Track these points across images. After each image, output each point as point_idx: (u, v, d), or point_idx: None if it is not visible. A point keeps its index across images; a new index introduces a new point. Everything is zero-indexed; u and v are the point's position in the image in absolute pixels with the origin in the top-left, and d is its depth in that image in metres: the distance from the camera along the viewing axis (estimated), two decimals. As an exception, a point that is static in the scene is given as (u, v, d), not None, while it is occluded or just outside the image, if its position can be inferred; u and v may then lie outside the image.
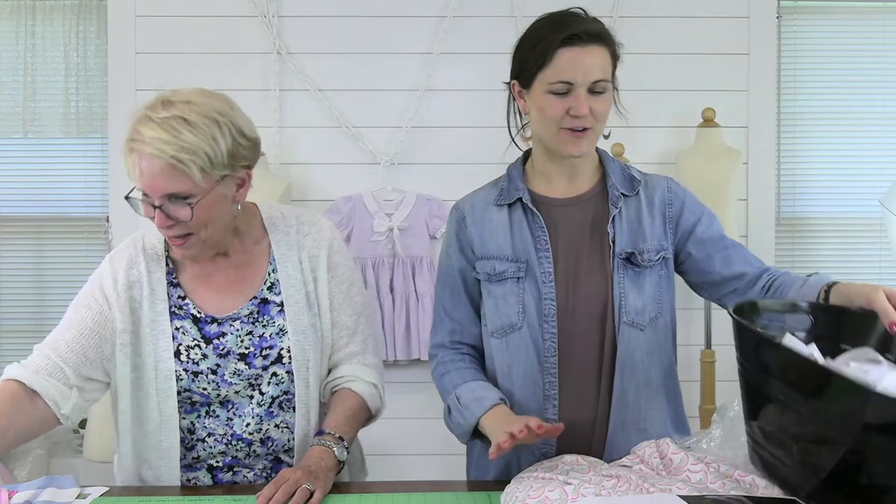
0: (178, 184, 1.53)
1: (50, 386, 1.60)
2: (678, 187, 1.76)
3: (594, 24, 1.64)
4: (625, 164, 1.78)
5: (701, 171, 3.16)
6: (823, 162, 3.50)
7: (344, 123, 3.30)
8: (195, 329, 1.65)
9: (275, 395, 1.66)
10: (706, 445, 1.47)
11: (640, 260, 1.67)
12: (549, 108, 1.62)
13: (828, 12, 3.52)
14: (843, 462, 1.16)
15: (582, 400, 1.67)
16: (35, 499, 1.48)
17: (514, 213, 1.72)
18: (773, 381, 1.24)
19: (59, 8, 3.39)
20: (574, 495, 1.31)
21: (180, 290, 1.68)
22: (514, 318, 1.68)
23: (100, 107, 3.39)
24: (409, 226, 3.27)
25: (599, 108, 1.62)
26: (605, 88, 1.62)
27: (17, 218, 3.46)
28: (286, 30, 3.32)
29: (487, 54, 3.30)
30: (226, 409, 1.66)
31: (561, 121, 1.62)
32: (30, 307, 3.45)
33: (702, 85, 3.34)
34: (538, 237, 1.69)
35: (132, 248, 1.71)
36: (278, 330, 1.67)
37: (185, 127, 1.50)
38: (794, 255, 3.50)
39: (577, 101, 1.60)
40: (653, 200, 1.71)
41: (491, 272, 1.71)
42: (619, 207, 1.69)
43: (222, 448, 1.66)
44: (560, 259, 1.68)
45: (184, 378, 1.63)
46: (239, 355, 1.65)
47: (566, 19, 1.64)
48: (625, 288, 1.66)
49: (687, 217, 1.72)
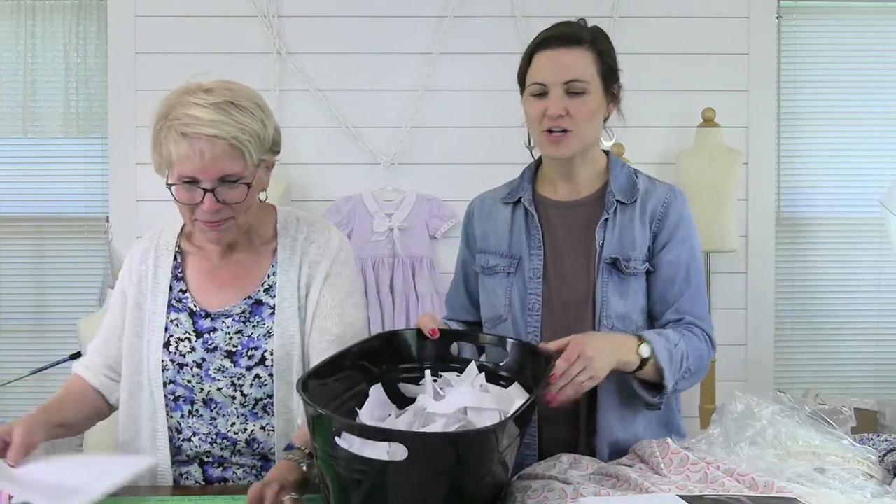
0: (235, 165, 1.55)
1: (104, 380, 1.75)
2: (675, 203, 1.70)
3: (574, 28, 1.67)
4: (636, 171, 1.76)
5: (701, 171, 3.16)
6: (823, 162, 3.50)
7: (344, 123, 3.30)
8: (189, 322, 1.67)
9: (258, 397, 1.66)
10: (706, 445, 1.47)
11: (624, 267, 1.66)
12: (531, 110, 1.67)
13: (828, 12, 3.52)
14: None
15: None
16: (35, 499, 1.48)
17: (517, 212, 1.77)
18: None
19: (59, 8, 3.39)
20: (574, 495, 1.31)
21: (183, 284, 1.70)
22: (500, 311, 1.73)
23: (100, 107, 3.39)
24: (409, 226, 3.27)
25: (577, 110, 1.63)
26: (583, 90, 1.63)
27: (17, 218, 3.46)
28: (286, 30, 3.32)
29: (487, 54, 3.31)
30: (209, 409, 1.67)
31: (541, 122, 1.65)
32: (30, 307, 3.45)
33: (702, 85, 3.34)
34: (532, 236, 1.73)
35: (148, 242, 1.76)
36: (266, 332, 1.66)
37: (237, 110, 1.55)
38: (794, 255, 3.50)
39: (551, 101, 1.63)
40: (645, 210, 1.70)
41: (485, 265, 1.77)
42: (611, 213, 1.69)
43: (207, 447, 1.67)
44: (549, 258, 1.71)
45: (169, 368, 1.65)
46: (226, 352, 1.66)
47: (551, 27, 1.69)
48: (607, 292, 1.66)
49: (664, 236, 1.68)
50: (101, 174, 3.43)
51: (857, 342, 3.55)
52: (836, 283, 3.52)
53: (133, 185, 3.31)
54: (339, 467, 1.24)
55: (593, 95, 1.64)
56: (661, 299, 1.67)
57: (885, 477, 1.46)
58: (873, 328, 3.53)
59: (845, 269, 3.51)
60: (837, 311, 3.53)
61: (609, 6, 3.29)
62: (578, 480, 1.39)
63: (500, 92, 3.28)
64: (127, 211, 3.31)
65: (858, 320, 3.53)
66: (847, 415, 1.59)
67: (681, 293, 1.67)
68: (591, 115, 1.65)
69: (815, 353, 3.54)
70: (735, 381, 3.19)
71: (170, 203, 1.62)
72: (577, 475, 1.44)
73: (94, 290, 3.36)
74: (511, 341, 1.57)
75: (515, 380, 1.50)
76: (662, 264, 1.67)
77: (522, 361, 1.53)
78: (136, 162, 3.30)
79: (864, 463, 1.45)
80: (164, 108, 1.59)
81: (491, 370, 1.53)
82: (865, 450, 1.48)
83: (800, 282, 3.51)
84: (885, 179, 3.38)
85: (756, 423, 1.50)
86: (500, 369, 1.55)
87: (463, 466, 1.21)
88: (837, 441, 1.49)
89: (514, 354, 1.55)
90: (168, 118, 1.56)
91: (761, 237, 3.39)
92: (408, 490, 1.21)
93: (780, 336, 3.45)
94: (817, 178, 3.51)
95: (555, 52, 1.64)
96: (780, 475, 1.35)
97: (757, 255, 3.37)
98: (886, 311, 3.53)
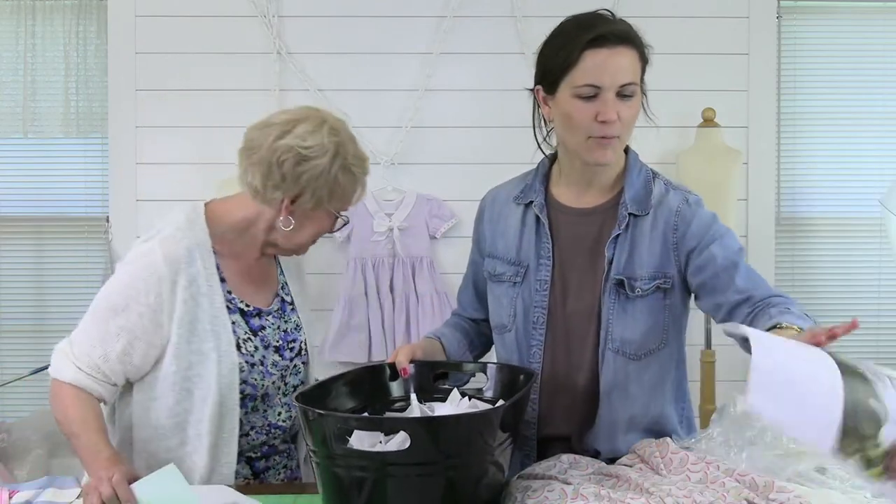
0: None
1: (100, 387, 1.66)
2: (689, 209, 1.62)
3: (622, 25, 1.58)
4: (653, 176, 1.68)
5: (701, 171, 3.16)
6: (823, 162, 3.50)
7: (344, 123, 3.30)
8: (243, 322, 1.73)
9: (295, 384, 1.80)
10: (706, 445, 1.46)
11: (629, 289, 1.59)
12: (577, 113, 1.54)
13: (828, 12, 3.52)
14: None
15: (564, 416, 1.66)
16: (35, 499, 1.49)
17: (528, 215, 1.70)
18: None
19: (59, 8, 3.39)
20: (574, 495, 1.31)
21: (226, 285, 1.73)
22: (505, 320, 1.69)
23: (100, 107, 3.38)
24: (409, 226, 3.27)
25: (627, 114, 1.55)
26: (633, 92, 1.55)
27: (17, 218, 3.45)
28: (286, 30, 3.32)
29: (487, 54, 3.30)
30: (263, 402, 1.75)
31: (589, 128, 1.54)
32: (30, 307, 3.45)
33: (702, 85, 3.34)
34: (542, 245, 1.66)
35: (187, 241, 1.68)
36: (295, 325, 1.83)
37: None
38: (794, 255, 3.50)
39: (605, 105, 1.52)
40: (658, 223, 1.61)
41: (492, 272, 1.72)
42: (622, 229, 1.61)
43: (263, 438, 1.75)
44: (557, 269, 1.65)
45: (244, 369, 1.69)
46: (275, 348, 1.76)
47: (593, 20, 1.57)
48: (613, 313, 1.60)
49: (689, 242, 1.60)
50: (101, 174, 3.42)
51: (857, 342, 3.54)
52: (835, 283, 3.51)
53: (133, 185, 3.30)
54: (339, 468, 1.25)
55: (637, 98, 1.58)
56: (725, 290, 1.56)
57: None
58: (873, 328, 3.53)
59: (845, 269, 3.51)
60: (837, 311, 3.52)
61: (609, 6, 3.27)
62: (578, 480, 1.39)
63: (500, 92, 3.28)
64: (127, 211, 3.31)
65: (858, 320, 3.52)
66: (847, 415, 1.58)
67: (731, 278, 1.56)
68: (635, 119, 1.59)
69: (815, 353, 3.53)
70: (735, 381, 3.20)
71: (170, 203, 1.63)
72: (577, 475, 1.44)
73: (94, 290, 3.32)
74: (491, 366, 1.58)
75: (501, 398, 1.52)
76: (705, 267, 1.58)
77: (504, 383, 1.54)
78: (136, 162, 3.30)
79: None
80: (323, 157, 1.66)
81: (474, 396, 1.55)
82: (865, 450, 1.48)
83: (800, 282, 3.51)
84: (885, 179, 3.38)
85: (756, 423, 1.50)
86: (483, 394, 1.56)
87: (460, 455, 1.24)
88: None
89: (496, 378, 1.56)
90: (344, 161, 1.69)
91: (761, 237, 3.39)
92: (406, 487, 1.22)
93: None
94: (817, 178, 3.50)
95: (611, 51, 1.53)
96: (780, 475, 1.34)
97: (757, 255, 3.37)
98: (886, 311, 3.53)
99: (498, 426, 1.29)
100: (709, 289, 1.59)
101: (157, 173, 3.29)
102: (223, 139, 3.20)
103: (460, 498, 1.25)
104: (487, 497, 1.32)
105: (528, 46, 3.17)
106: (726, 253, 1.59)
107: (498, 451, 1.30)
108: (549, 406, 1.66)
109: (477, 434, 1.26)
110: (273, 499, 1.52)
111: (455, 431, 1.24)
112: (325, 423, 1.26)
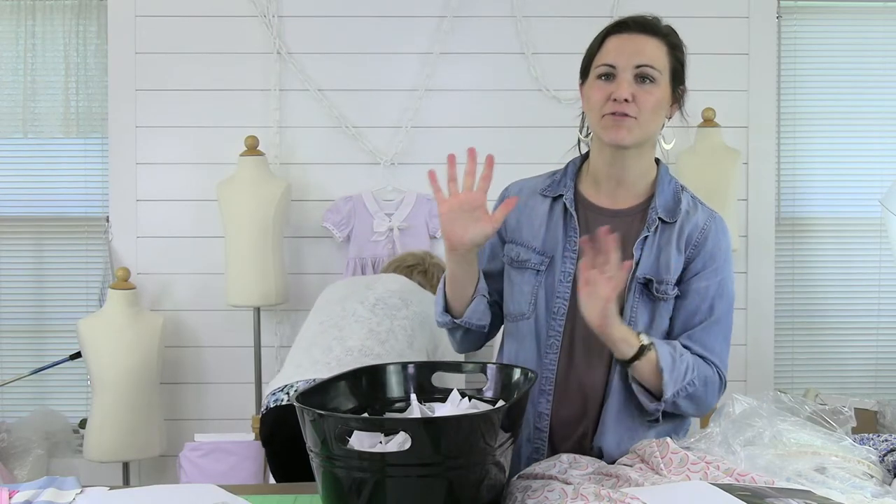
0: None
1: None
2: (713, 231, 1.66)
3: (650, 19, 1.65)
4: (683, 189, 1.71)
5: (701, 171, 3.15)
6: (823, 162, 3.50)
7: (344, 123, 3.30)
8: None
9: None
10: (706, 445, 1.47)
11: (655, 290, 1.62)
12: (595, 93, 1.61)
13: (828, 12, 3.52)
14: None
15: (576, 407, 1.66)
16: (35, 499, 1.48)
17: (556, 208, 1.71)
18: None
19: (59, 8, 3.39)
20: (574, 495, 1.31)
21: None
22: (524, 308, 1.69)
23: (100, 107, 3.38)
24: (409, 226, 3.27)
25: (645, 98, 1.58)
26: (652, 77, 1.59)
27: (16, 218, 3.45)
28: (286, 30, 3.32)
29: (487, 54, 3.30)
30: None
31: (604, 106, 1.59)
32: (30, 307, 3.45)
33: (702, 85, 3.31)
34: (569, 237, 1.67)
35: None
36: None
37: None
38: (793, 255, 3.50)
39: (619, 84, 1.58)
40: (683, 233, 1.65)
41: (515, 258, 1.72)
42: (651, 231, 1.64)
43: None
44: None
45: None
46: None
47: (626, 17, 1.66)
48: (637, 313, 1.63)
49: (697, 264, 1.64)
50: (100, 174, 3.42)
51: (857, 342, 3.54)
52: (835, 283, 3.52)
53: (133, 185, 3.30)
54: (339, 468, 1.25)
55: (661, 87, 1.61)
56: (682, 327, 1.64)
57: (885, 477, 1.46)
58: (873, 328, 3.53)
59: (845, 270, 3.51)
60: (837, 311, 3.52)
61: (609, 6, 3.28)
62: (578, 480, 1.39)
63: (500, 92, 3.28)
64: (127, 211, 3.31)
65: (858, 320, 3.53)
66: (847, 415, 1.59)
67: (700, 322, 1.63)
68: (656, 107, 1.61)
69: (815, 354, 3.54)
70: (735, 381, 3.19)
71: (169, 203, 1.62)
72: (577, 475, 1.44)
73: (94, 290, 3.36)
74: (491, 366, 1.57)
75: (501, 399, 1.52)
76: (690, 292, 1.64)
77: (504, 384, 1.54)
78: (136, 162, 3.30)
79: (864, 463, 1.45)
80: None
81: (474, 396, 1.55)
82: (865, 450, 1.48)
83: (800, 282, 3.51)
84: (885, 179, 3.38)
85: (756, 423, 1.50)
86: (483, 394, 1.56)
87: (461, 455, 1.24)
88: (837, 441, 1.49)
89: (495, 378, 1.55)
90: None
91: (761, 237, 3.39)
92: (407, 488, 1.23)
93: (779, 336, 3.45)
94: (817, 178, 3.51)
95: (630, 36, 1.61)
96: (780, 474, 1.35)
97: (757, 256, 3.37)
98: (886, 311, 3.53)
99: (499, 426, 1.29)
100: (676, 309, 1.65)
101: (156, 173, 3.29)
102: (223, 139, 3.20)
103: (461, 498, 1.26)
104: (488, 497, 1.32)
105: (528, 46, 3.15)
106: (717, 304, 1.64)
107: (498, 452, 1.30)
108: (562, 396, 1.67)
109: (477, 434, 1.26)
110: (273, 499, 1.52)
111: (456, 432, 1.24)
112: (325, 423, 1.26)
